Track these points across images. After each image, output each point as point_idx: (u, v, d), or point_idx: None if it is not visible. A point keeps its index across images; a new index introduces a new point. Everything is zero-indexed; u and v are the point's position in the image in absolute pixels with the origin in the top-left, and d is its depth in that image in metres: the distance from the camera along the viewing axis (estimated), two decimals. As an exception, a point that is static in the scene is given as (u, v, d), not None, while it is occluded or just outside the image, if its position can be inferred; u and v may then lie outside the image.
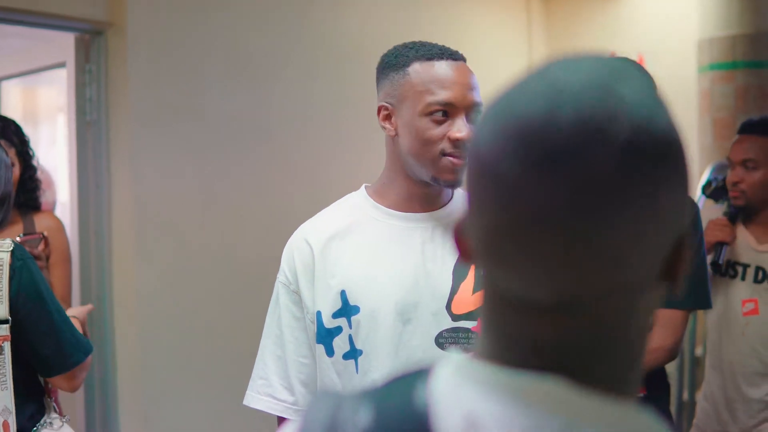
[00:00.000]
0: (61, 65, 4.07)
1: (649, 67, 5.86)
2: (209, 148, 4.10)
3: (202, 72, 4.07)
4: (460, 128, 1.95)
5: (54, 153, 6.27)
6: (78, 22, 3.82)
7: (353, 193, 2.15)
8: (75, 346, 2.50)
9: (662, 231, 0.78)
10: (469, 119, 1.97)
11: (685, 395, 4.49)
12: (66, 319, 2.51)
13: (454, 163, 1.96)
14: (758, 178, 3.21)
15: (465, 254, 0.86)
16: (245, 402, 2.11)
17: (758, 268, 3.23)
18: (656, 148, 0.76)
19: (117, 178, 3.86)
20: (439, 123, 1.96)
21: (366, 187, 2.15)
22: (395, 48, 2.06)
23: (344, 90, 4.73)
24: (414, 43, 2.04)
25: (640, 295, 0.80)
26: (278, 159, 4.41)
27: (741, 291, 3.22)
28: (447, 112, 1.96)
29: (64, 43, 3.97)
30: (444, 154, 1.96)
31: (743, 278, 3.23)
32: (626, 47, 5.93)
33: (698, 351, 4.48)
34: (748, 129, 3.26)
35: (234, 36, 4.21)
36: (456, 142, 1.95)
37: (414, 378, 0.85)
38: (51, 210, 3.61)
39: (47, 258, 3.30)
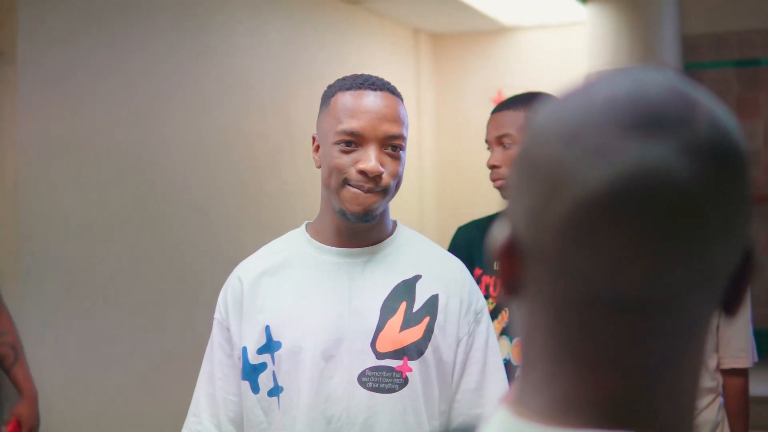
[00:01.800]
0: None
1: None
2: (100, 183, 3.96)
3: (93, 104, 3.94)
4: (366, 158, 1.90)
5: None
6: (-37, 51, 3.64)
7: (295, 230, 2.12)
8: None
9: (740, 231, 0.73)
10: (384, 151, 1.93)
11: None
12: None
13: (356, 195, 1.91)
14: None
15: (512, 278, 0.77)
16: None
17: None
18: (735, 134, 0.73)
19: (3, 213, 3.68)
20: (347, 153, 1.92)
21: (307, 223, 2.11)
22: (334, 81, 2.04)
23: (235, 123, 4.68)
24: (351, 75, 2.02)
25: (708, 307, 0.74)
26: (170, 194, 4.30)
27: None
28: (355, 141, 1.92)
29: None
30: (348, 183, 1.91)
31: None
32: (515, 83, 6.01)
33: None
34: None
35: (126, 68, 4.09)
36: (361, 173, 1.90)
37: None
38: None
39: None
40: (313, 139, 2.05)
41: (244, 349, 1.98)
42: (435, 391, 1.98)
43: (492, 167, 2.74)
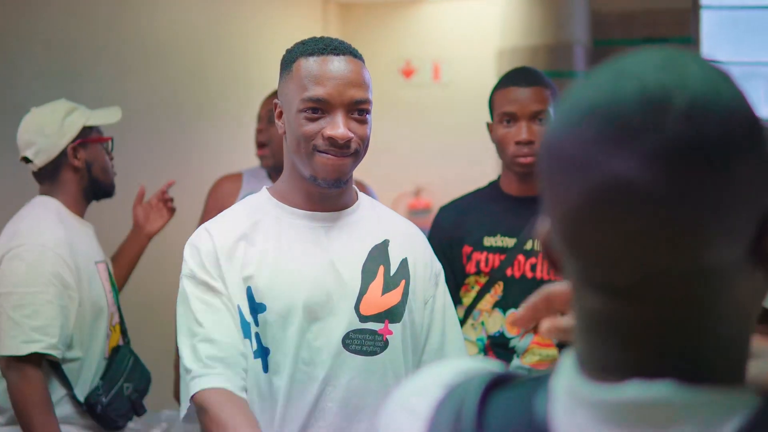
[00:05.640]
0: None
1: (446, 74, 6.00)
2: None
3: (18, 65, 3.84)
4: (334, 125, 1.89)
5: None
6: None
7: (253, 194, 2.08)
8: None
9: (741, 205, 0.76)
10: (350, 116, 1.92)
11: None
12: None
13: (327, 161, 1.91)
14: None
15: (556, 266, 0.86)
16: (184, 417, 1.93)
17: None
18: (722, 116, 0.75)
19: None
20: (313, 120, 1.91)
21: (267, 188, 2.07)
22: (293, 45, 2.01)
23: (156, 88, 4.66)
24: (310, 39, 2.00)
25: (729, 278, 0.77)
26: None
27: None
28: (321, 108, 1.90)
29: None
30: (318, 150, 1.91)
31: None
32: (423, 55, 6.03)
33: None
34: None
35: (50, 29, 4.01)
36: (330, 140, 1.89)
37: (533, 390, 0.84)
38: None
39: None
40: (275, 105, 2.01)
41: (239, 307, 1.93)
42: (410, 353, 2.04)
43: (528, 142, 2.68)
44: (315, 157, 1.91)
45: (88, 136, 2.89)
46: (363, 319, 1.96)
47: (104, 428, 2.79)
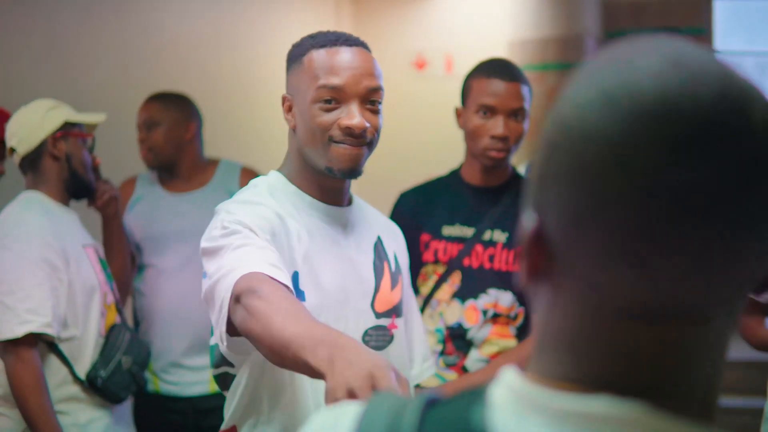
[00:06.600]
0: None
1: (458, 67, 5.99)
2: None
3: (19, 60, 3.85)
4: (351, 115, 1.86)
5: None
6: None
7: (261, 178, 2.01)
8: None
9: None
10: (364, 107, 1.90)
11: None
12: None
13: (344, 151, 1.88)
14: None
15: (536, 267, 0.76)
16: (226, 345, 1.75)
17: None
18: None
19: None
20: (329, 110, 1.88)
21: (280, 175, 2.00)
22: (299, 39, 1.99)
23: (157, 83, 4.61)
24: (317, 32, 1.97)
25: (732, 310, 0.73)
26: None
27: None
28: (336, 98, 1.88)
29: None
30: (333, 140, 1.88)
31: None
32: (436, 47, 6.04)
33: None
34: None
35: (51, 24, 4.01)
36: (347, 130, 1.87)
37: (469, 403, 0.78)
38: None
39: None
40: (284, 99, 1.98)
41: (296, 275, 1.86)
42: (406, 344, 2.08)
43: (503, 138, 2.64)
44: (331, 148, 1.88)
45: (70, 131, 2.95)
46: (377, 315, 1.97)
47: (108, 402, 2.88)
